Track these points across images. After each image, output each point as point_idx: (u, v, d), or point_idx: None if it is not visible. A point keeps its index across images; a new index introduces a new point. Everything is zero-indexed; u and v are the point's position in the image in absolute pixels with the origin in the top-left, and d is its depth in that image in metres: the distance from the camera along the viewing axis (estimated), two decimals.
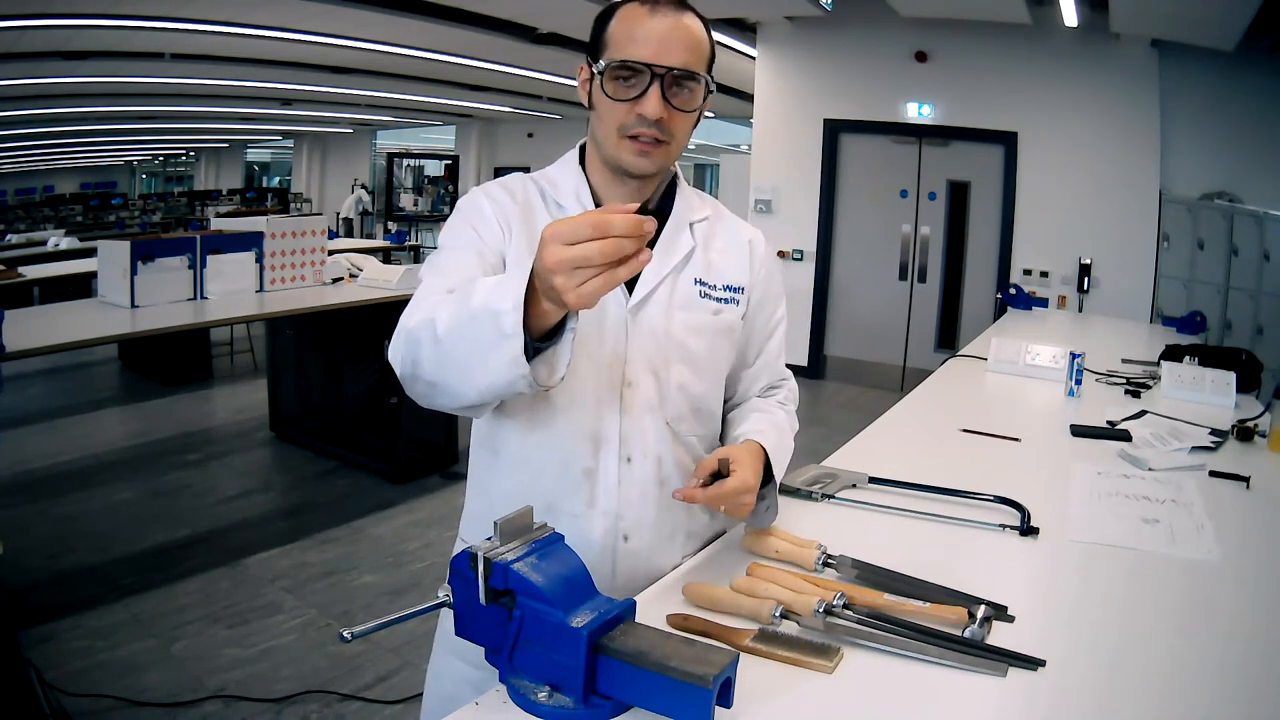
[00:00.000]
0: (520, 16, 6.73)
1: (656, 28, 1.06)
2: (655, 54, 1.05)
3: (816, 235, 6.69)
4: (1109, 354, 3.04)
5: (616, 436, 1.13)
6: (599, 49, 1.10)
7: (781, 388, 1.34)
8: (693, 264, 1.19)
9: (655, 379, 1.15)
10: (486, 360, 0.88)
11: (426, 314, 0.96)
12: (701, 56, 1.09)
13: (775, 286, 1.28)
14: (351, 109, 13.33)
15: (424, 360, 0.97)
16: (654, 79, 1.05)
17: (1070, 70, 5.79)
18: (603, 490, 1.13)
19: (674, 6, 1.09)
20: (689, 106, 1.09)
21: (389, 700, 2.50)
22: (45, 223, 14.66)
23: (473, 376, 0.92)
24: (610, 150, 1.11)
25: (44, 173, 19.45)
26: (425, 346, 0.96)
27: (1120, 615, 1.17)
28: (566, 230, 0.79)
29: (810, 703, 0.91)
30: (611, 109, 1.08)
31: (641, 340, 1.14)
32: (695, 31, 1.09)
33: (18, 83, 8.38)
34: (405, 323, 1.00)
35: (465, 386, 0.94)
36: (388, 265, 4.93)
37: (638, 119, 1.07)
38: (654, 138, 1.08)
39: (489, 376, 0.90)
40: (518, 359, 0.86)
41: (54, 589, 3.06)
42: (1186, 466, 1.81)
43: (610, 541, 1.14)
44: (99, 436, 4.86)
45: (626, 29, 1.08)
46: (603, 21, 1.11)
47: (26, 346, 2.84)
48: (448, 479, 4.26)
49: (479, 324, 0.88)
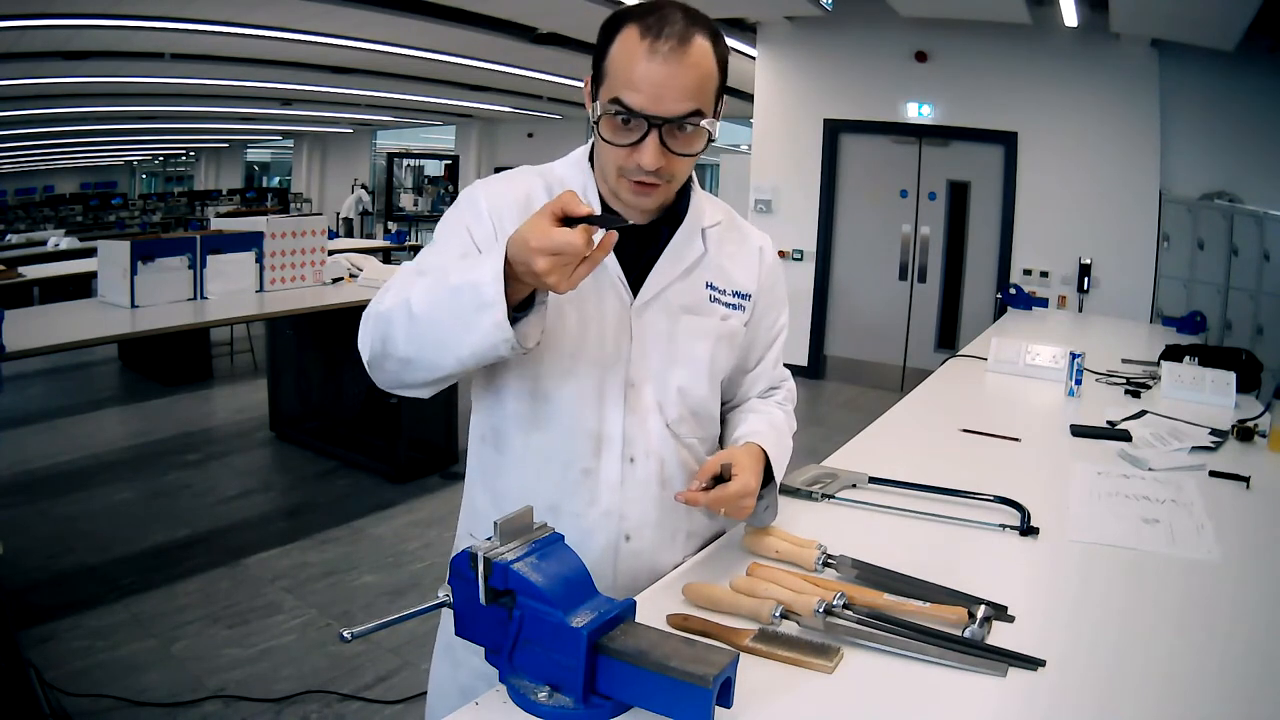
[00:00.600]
0: (520, 16, 6.73)
1: (655, 74, 0.98)
2: (653, 102, 0.99)
3: (816, 235, 6.69)
4: (1109, 354, 3.04)
5: (620, 437, 1.13)
6: (600, 73, 1.04)
7: (780, 388, 1.35)
8: (704, 268, 1.18)
9: (657, 380, 1.15)
10: (467, 328, 0.93)
11: (399, 296, 1.00)
12: (706, 91, 1.02)
13: (780, 293, 1.29)
14: (351, 109, 13.32)
15: (397, 338, 1.00)
16: (651, 129, 1.00)
17: (1070, 70, 5.79)
18: (605, 490, 1.13)
19: (678, 36, 0.99)
20: (689, 150, 1.04)
21: (389, 700, 2.50)
22: (45, 223, 14.66)
23: (452, 346, 0.96)
24: (610, 183, 1.10)
25: (44, 173, 19.44)
26: (399, 325, 0.99)
27: (1120, 615, 1.17)
28: (537, 238, 0.88)
29: (810, 703, 0.91)
30: (609, 150, 1.05)
31: (645, 342, 1.14)
32: (701, 68, 1.00)
33: (18, 83, 8.38)
34: (375, 307, 1.04)
35: (443, 357, 0.98)
36: (388, 265, 4.94)
37: (636, 167, 1.03)
38: (652, 182, 1.06)
39: (470, 344, 0.94)
40: (501, 324, 0.91)
41: (54, 589, 3.06)
42: (1186, 466, 1.81)
43: (612, 541, 1.14)
44: (99, 436, 4.86)
45: (625, 66, 1.00)
46: (606, 35, 1.04)
47: (26, 346, 2.84)
48: (448, 479, 4.26)
49: (459, 296, 0.93)
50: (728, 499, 1.07)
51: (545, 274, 0.88)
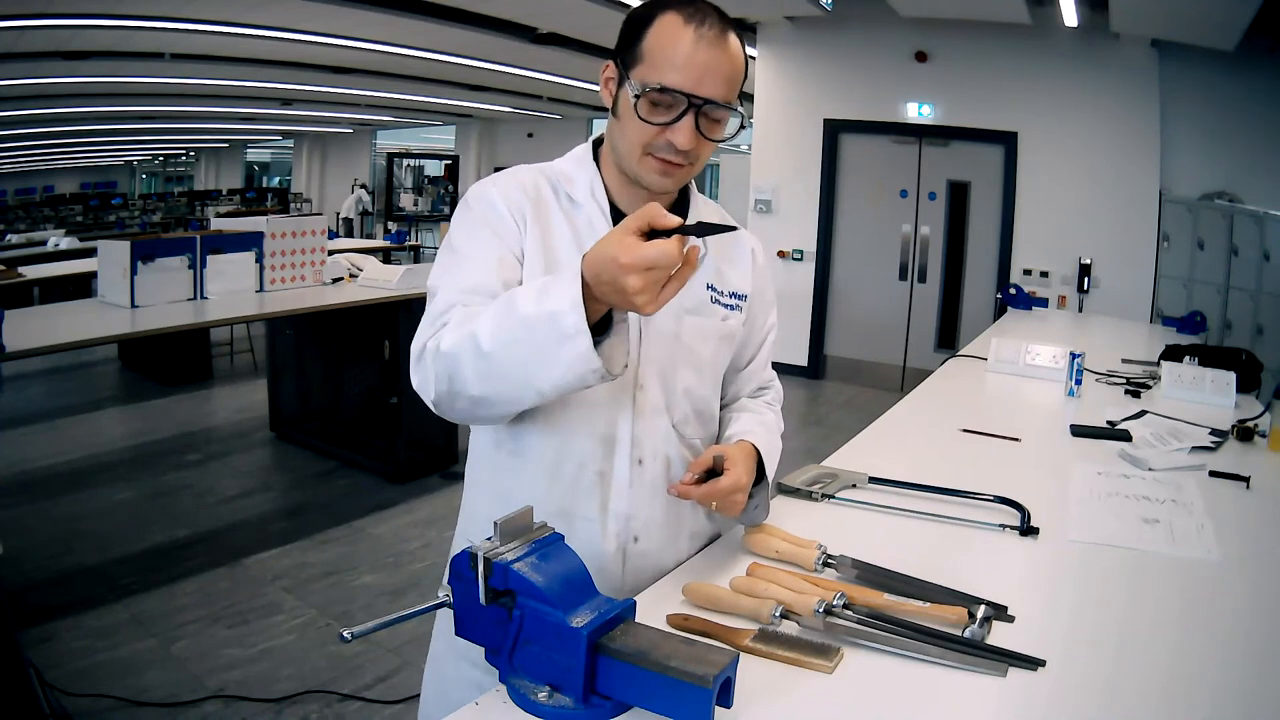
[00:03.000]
0: (520, 16, 6.73)
1: (700, 57, 1.01)
2: (696, 83, 1.01)
3: (816, 235, 6.69)
4: (1109, 354, 3.04)
5: (629, 438, 1.13)
6: (633, 58, 1.05)
7: (769, 389, 1.37)
8: (705, 270, 1.19)
9: (663, 382, 1.15)
10: (549, 363, 0.90)
11: (461, 332, 0.97)
12: (737, 86, 1.05)
13: (769, 294, 1.31)
14: (351, 109, 13.32)
15: (468, 377, 0.97)
16: (690, 108, 1.02)
17: (1070, 70, 5.79)
18: (615, 492, 1.14)
19: (719, 26, 1.03)
20: (719, 137, 1.06)
21: (389, 700, 2.50)
22: (45, 223, 14.65)
23: (533, 382, 0.93)
24: (630, 165, 1.09)
25: (44, 173, 19.44)
26: (467, 364, 0.96)
27: (1120, 615, 1.17)
28: (636, 232, 0.86)
29: (810, 703, 0.91)
30: (640, 129, 1.05)
31: (652, 343, 1.14)
32: (737, 61, 1.05)
33: (18, 83, 8.38)
34: (435, 345, 1.00)
35: (523, 393, 0.96)
36: (388, 265, 4.93)
37: (667, 144, 1.04)
38: (679, 162, 1.06)
39: (554, 379, 0.92)
40: (586, 354, 0.88)
41: (54, 589, 3.06)
42: (1186, 466, 1.81)
43: (622, 543, 1.15)
44: (99, 436, 4.86)
45: (668, 48, 1.02)
46: (639, 25, 1.05)
47: (26, 346, 2.84)
48: (448, 479, 4.26)
49: (536, 329, 0.90)
50: (719, 493, 1.08)
51: (637, 293, 0.85)
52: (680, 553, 1.22)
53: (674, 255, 0.85)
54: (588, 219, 1.13)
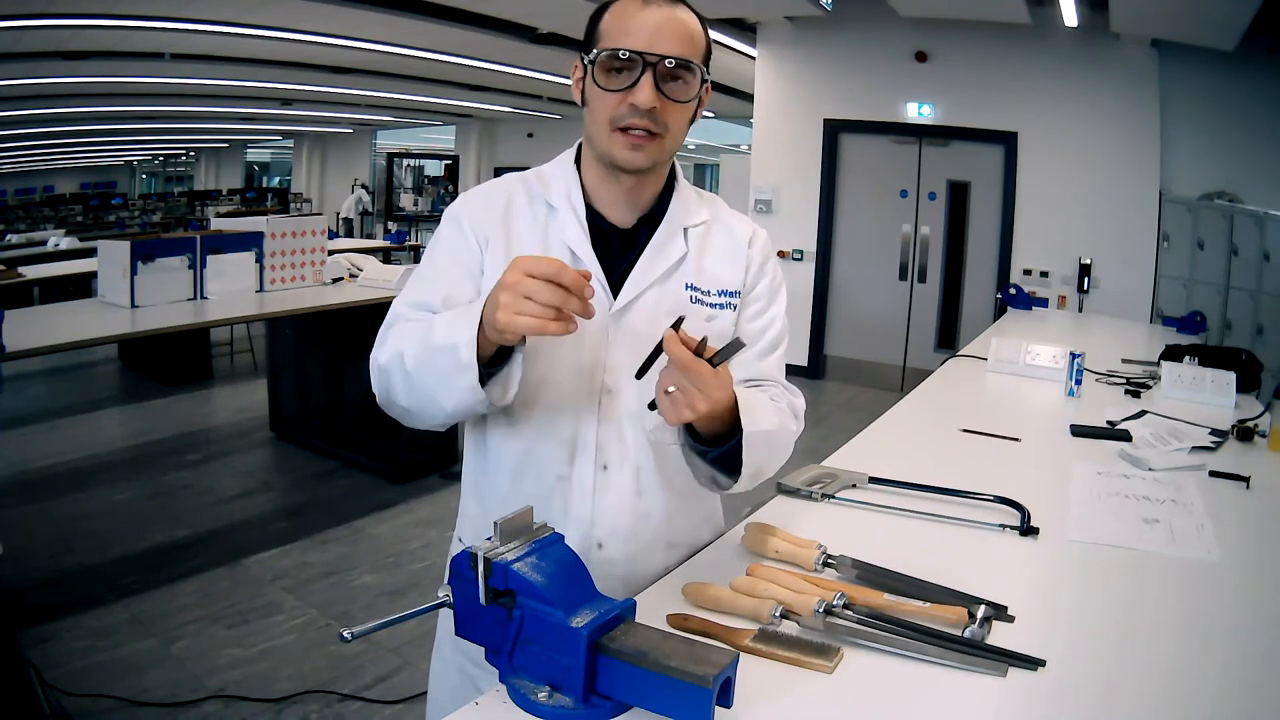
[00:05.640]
0: (520, 16, 6.73)
1: (649, 19, 1.05)
2: (648, 43, 1.04)
3: (816, 235, 6.69)
4: (1109, 354, 3.04)
5: (593, 444, 1.12)
6: (592, 44, 1.09)
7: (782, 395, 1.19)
8: (684, 269, 1.15)
9: (638, 387, 1.06)
10: (449, 388, 1.00)
11: (394, 349, 1.06)
12: (696, 48, 1.07)
13: (766, 285, 1.20)
14: (351, 109, 13.32)
15: (397, 390, 1.07)
16: (646, 68, 1.03)
17: (1070, 70, 5.79)
18: (578, 497, 1.12)
19: (669, 2, 1.07)
20: (683, 97, 1.06)
21: (389, 700, 2.50)
22: (45, 223, 14.64)
23: (439, 402, 1.02)
24: (602, 145, 1.09)
25: (44, 173, 19.43)
26: (396, 379, 1.06)
27: (1120, 615, 1.17)
28: (531, 263, 0.90)
29: (810, 703, 0.91)
30: (603, 100, 1.06)
31: (624, 347, 1.11)
32: (689, 24, 1.07)
33: (18, 83, 8.38)
34: (377, 357, 1.10)
35: (434, 410, 1.05)
36: (388, 265, 4.93)
37: (630, 109, 1.04)
38: (646, 129, 1.05)
39: (453, 402, 1.01)
40: (474, 386, 0.97)
41: (54, 589, 3.06)
42: (1186, 466, 1.81)
43: (584, 549, 1.11)
44: (99, 436, 4.86)
45: (619, 21, 1.06)
46: (595, 18, 1.10)
47: (26, 346, 2.84)
48: (448, 479, 4.26)
49: (441, 357, 0.99)
50: (701, 373, 0.92)
51: (498, 307, 0.90)
52: (656, 563, 1.18)
53: (549, 270, 0.89)
54: (560, 224, 1.13)
